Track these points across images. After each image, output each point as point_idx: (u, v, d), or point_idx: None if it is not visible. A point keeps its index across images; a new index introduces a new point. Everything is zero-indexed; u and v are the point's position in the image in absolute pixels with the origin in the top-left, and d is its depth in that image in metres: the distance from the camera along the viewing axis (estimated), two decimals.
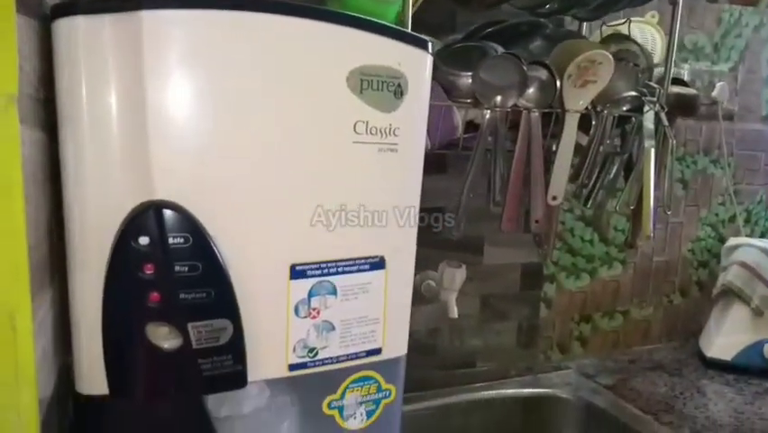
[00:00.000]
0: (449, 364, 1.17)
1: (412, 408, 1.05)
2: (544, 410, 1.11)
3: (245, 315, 0.43)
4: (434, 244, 1.11)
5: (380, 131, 0.46)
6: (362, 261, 0.48)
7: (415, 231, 0.50)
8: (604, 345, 1.30)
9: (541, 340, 1.24)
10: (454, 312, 1.02)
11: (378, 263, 0.48)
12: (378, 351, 0.50)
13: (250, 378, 0.45)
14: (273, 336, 0.45)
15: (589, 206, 1.07)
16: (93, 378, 0.41)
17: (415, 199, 0.50)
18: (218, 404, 0.51)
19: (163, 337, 0.41)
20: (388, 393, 0.52)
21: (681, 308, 1.36)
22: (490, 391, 1.10)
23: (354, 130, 0.45)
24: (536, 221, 0.90)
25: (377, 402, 0.51)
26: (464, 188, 0.87)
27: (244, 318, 0.43)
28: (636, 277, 1.30)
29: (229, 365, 0.43)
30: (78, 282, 0.40)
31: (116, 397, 0.41)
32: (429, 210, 1.08)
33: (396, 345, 0.51)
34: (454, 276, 1.01)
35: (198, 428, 0.44)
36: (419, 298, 1.11)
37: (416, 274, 1.10)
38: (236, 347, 0.43)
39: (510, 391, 1.11)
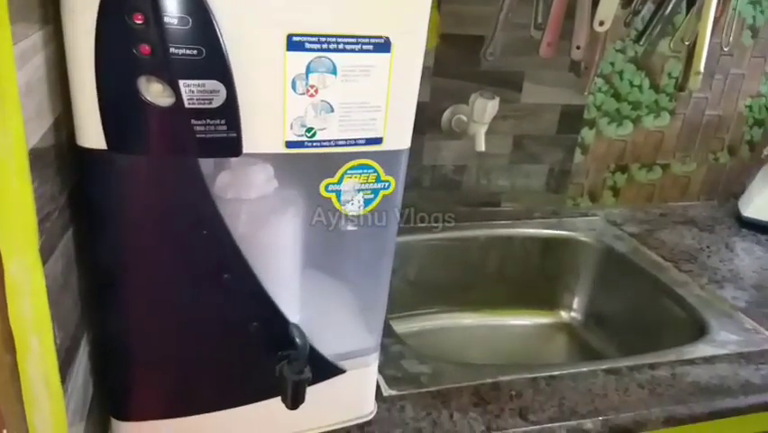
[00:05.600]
0: (473, 202, 1.17)
1: (431, 237, 1.07)
2: (563, 252, 1.12)
3: (240, 82, 0.43)
4: (470, 77, 1.07)
5: None
6: (366, 40, 0.45)
7: (426, 13, 0.47)
8: (638, 197, 1.27)
9: (571, 186, 1.22)
10: (482, 145, 1.00)
11: (382, 45, 0.46)
12: (378, 140, 0.49)
13: (246, 149, 0.45)
14: (270, 109, 0.45)
15: (642, 42, 0.99)
16: (90, 131, 0.42)
17: None
18: (225, 186, 0.52)
19: (156, 94, 0.41)
20: (387, 185, 0.52)
21: (727, 168, 1.30)
22: (510, 230, 1.11)
23: None
24: (578, 47, 0.84)
25: (375, 192, 0.51)
26: (503, 4, 0.81)
27: (239, 86, 0.43)
28: (684, 130, 1.23)
29: (223, 131, 0.43)
30: (70, 30, 0.40)
31: (113, 151, 0.43)
32: (468, 38, 1.02)
33: (398, 138, 0.50)
34: (486, 107, 0.97)
35: (196, 193, 0.46)
36: (449, 132, 1.09)
37: (447, 108, 1.09)
38: (230, 113, 0.43)
39: (531, 231, 1.12)
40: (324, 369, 0.57)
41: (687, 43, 0.89)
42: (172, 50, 0.40)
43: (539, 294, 1.14)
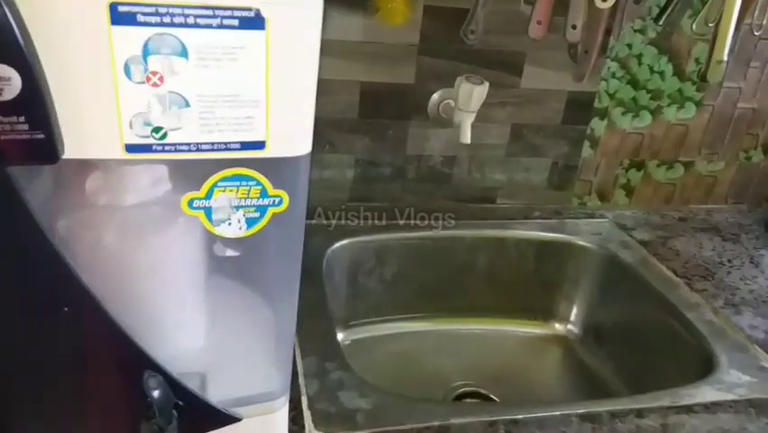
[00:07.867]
0: (464, 197, 1.05)
1: (414, 235, 0.96)
2: (561, 258, 0.99)
3: (47, 67, 0.32)
4: (462, 57, 0.94)
5: None
6: (227, 12, 0.34)
7: None
8: (655, 197, 1.13)
9: (578, 183, 1.08)
10: (467, 137, 0.88)
11: (252, 20, 0.34)
12: (259, 145, 0.38)
13: (68, 154, 0.35)
14: (96, 103, 0.34)
15: (661, 22, 0.84)
16: None
17: None
18: (98, 190, 0.43)
19: None
20: (277, 201, 0.40)
21: (760, 168, 1.14)
22: (501, 231, 0.99)
23: None
24: (573, 26, 0.70)
25: (261, 210, 0.40)
26: None
27: (47, 72, 0.32)
28: (712, 123, 1.08)
29: (23, 131, 0.32)
30: None
31: None
32: (460, 11, 0.89)
33: (288, 142, 0.39)
34: (471, 93, 0.84)
35: (6, 211, 0.35)
36: (437, 119, 0.97)
37: (436, 91, 0.96)
38: (31, 108, 0.32)
39: (524, 233, 0.99)
40: (213, 418, 0.47)
41: (711, 25, 0.75)
42: None
43: (533, 302, 1.02)
